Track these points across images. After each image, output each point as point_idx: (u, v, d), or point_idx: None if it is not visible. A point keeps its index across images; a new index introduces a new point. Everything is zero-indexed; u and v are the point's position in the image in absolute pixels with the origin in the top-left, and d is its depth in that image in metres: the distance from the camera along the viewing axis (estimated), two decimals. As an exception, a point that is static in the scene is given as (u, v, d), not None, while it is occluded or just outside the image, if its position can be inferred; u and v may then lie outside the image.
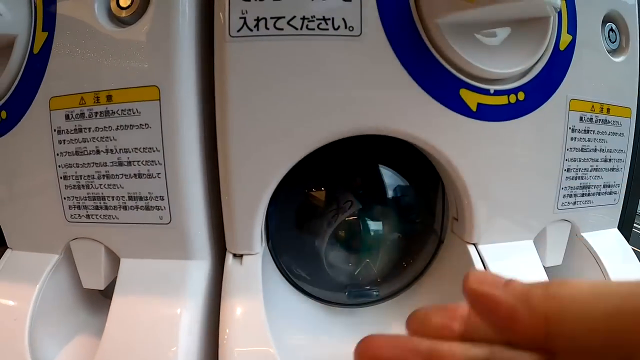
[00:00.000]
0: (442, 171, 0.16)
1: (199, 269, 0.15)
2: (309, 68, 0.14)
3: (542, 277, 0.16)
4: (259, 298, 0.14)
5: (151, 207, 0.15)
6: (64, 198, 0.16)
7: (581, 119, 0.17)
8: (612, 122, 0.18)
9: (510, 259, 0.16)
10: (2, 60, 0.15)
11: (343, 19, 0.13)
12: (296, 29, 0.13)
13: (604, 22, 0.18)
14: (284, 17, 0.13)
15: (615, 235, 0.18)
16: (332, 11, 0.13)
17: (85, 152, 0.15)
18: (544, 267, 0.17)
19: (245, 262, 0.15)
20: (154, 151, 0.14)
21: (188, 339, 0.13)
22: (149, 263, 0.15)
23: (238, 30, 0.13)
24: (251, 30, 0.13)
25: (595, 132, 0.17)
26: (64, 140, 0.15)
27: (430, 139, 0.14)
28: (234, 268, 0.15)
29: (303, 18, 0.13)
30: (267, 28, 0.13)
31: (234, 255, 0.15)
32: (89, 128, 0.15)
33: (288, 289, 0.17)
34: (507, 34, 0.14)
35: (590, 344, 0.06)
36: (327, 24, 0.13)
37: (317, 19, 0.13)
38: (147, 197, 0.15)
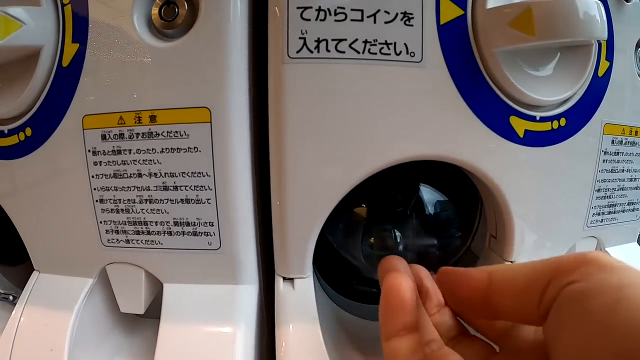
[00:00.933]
0: (485, 192, 0.17)
1: (249, 294, 0.15)
2: (369, 93, 0.14)
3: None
4: (315, 322, 0.14)
5: (199, 232, 0.15)
6: (100, 222, 0.15)
7: (613, 142, 0.18)
8: (639, 143, 0.20)
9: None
10: (26, 72, 0.14)
11: (405, 44, 0.14)
12: (358, 52, 0.14)
13: (637, 46, 0.19)
14: (345, 40, 0.13)
15: (635, 248, 0.21)
16: (394, 35, 0.14)
17: (125, 176, 0.15)
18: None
19: (297, 286, 0.15)
20: (204, 176, 0.14)
21: (244, 364, 0.14)
22: (195, 288, 0.15)
23: (297, 52, 0.13)
24: (311, 51, 0.13)
25: (624, 153, 0.19)
26: (100, 162, 0.15)
27: (481, 165, 0.15)
28: (286, 292, 0.15)
29: (365, 41, 0.14)
30: (328, 50, 0.13)
31: (284, 278, 0.16)
32: (130, 150, 0.14)
33: (330, 305, 0.18)
34: (555, 63, 0.15)
35: (515, 286, 0.10)
36: (389, 48, 0.14)
37: (380, 43, 0.14)
38: (195, 222, 0.15)
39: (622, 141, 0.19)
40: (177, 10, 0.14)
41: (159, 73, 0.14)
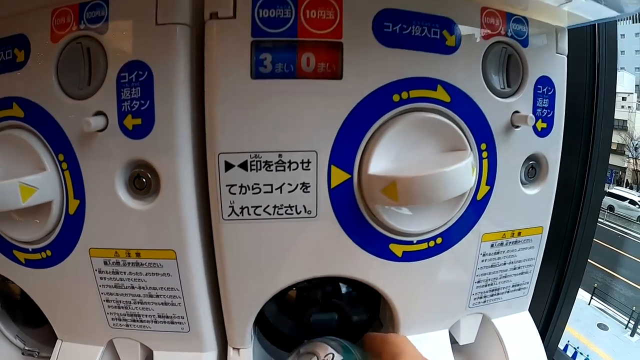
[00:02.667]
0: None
1: (211, 357, 0.26)
2: (281, 239, 0.23)
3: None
4: (254, 380, 0.25)
5: (175, 322, 0.26)
6: (107, 313, 0.26)
7: (492, 245, 0.27)
8: (522, 241, 0.28)
9: (427, 347, 0.27)
10: (42, 212, 0.24)
11: (304, 206, 0.23)
12: (270, 214, 0.23)
13: (525, 161, 0.26)
14: (261, 206, 0.22)
15: (524, 316, 0.30)
16: (296, 200, 0.23)
17: (123, 287, 0.25)
18: (460, 344, 0.29)
19: (242, 354, 0.26)
20: (174, 290, 0.25)
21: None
22: (175, 354, 0.27)
23: (228, 215, 0.23)
24: (238, 215, 0.23)
25: (505, 251, 0.27)
26: (105, 277, 0.25)
27: (369, 279, 0.25)
28: (235, 358, 0.26)
29: (275, 206, 0.22)
30: (249, 214, 0.23)
31: (234, 348, 0.26)
32: (124, 272, 0.25)
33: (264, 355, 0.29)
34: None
35: None
36: (292, 209, 0.23)
37: (285, 207, 0.23)
38: (171, 316, 0.25)
39: (502, 243, 0.27)
40: (144, 181, 0.23)
41: (140, 225, 0.24)
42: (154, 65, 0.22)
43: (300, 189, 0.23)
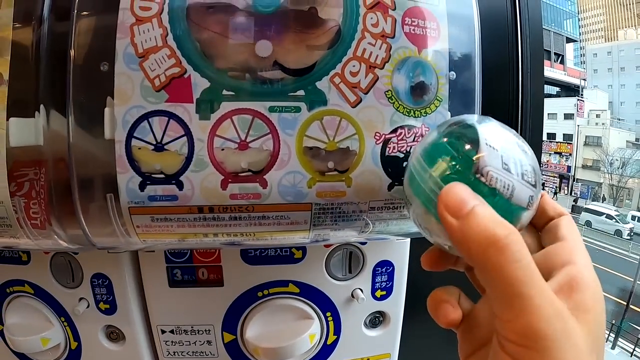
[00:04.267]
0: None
1: None
2: (197, 370, 0.41)
3: None
4: None
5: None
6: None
7: None
8: None
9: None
10: (54, 348, 0.44)
11: (210, 352, 0.40)
12: (191, 356, 0.40)
13: (369, 316, 0.41)
14: (184, 352, 0.40)
15: None
16: (205, 349, 0.40)
17: (111, 385, 0.45)
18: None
19: None
20: (140, 391, 0.44)
21: None
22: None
23: (166, 356, 0.41)
24: (172, 355, 0.41)
25: None
26: (100, 379, 0.45)
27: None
28: None
29: (193, 352, 0.40)
30: (178, 356, 0.41)
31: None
32: (110, 378, 0.44)
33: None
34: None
35: None
36: (203, 354, 0.41)
37: (199, 352, 0.41)
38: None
39: (355, 365, 0.43)
40: (116, 333, 0.41)
41: (115, 357, 0.42)
42: (111, 275, 0.39)
43: (206, 343, 0.40)
